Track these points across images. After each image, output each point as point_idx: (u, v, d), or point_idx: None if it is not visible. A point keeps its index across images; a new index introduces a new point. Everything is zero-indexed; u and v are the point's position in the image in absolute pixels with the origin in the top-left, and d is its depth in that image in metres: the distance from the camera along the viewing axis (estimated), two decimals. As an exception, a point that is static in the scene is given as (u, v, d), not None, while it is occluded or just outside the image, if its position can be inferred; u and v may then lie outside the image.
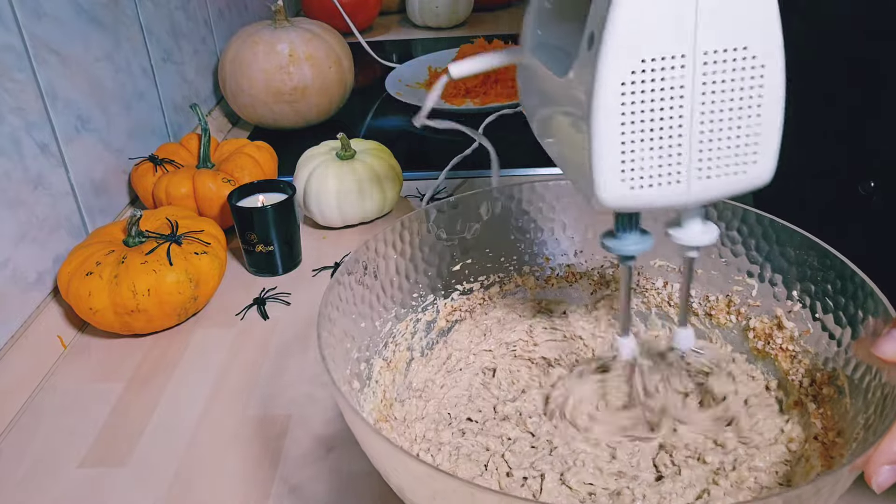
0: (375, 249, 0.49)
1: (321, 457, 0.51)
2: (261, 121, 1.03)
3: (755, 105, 0.33)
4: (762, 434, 0.44)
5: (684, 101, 0.32)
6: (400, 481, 0.37)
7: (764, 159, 0.34)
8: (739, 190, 0.35)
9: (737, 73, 0.32)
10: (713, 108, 0.32)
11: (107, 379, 0.60)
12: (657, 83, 0.32)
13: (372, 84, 1.21)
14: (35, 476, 0.51)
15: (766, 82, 0.32)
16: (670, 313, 0.54)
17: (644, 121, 0.32)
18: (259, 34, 0.99)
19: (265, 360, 0.61)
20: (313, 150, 0.79)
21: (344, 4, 1.36)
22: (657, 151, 0.33)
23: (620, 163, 0.33)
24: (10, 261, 0.62)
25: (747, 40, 0.31)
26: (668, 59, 0.31)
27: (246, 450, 0.52)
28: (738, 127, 0.33)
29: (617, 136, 0.32)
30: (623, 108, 0.32)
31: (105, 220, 0.77)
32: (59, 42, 0.71)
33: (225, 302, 0.68)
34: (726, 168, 0.34)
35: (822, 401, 0.44)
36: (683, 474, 0.43)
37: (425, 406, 0.50)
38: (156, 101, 0.91)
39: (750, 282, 0.49)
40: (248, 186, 0.73)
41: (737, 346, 0.51)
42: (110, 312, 0.60)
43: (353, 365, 0.45)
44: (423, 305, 0.53)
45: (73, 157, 0.72)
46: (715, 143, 0.33)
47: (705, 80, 0.32)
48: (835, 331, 0.43)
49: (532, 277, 0.57)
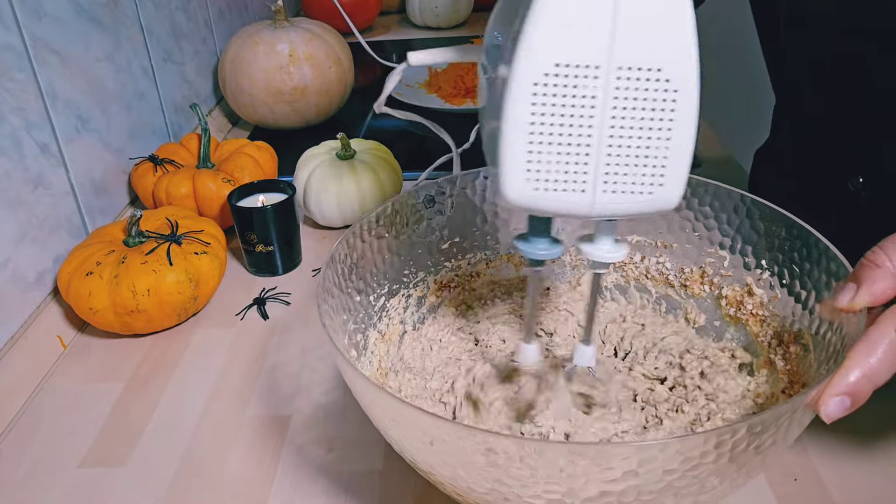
0: (367, 229, 0.51)
1: (321, 457, 0.51)
2: (261, 121, 1.03)
3: (665, 128, 0.33)
4: (727, 392, 0.47)
5: (595, 111, 0.32)
6: (399, 435, 0.38)
7: (671, 184, 0.34)
8: (645, 211, 0.35)
9: (649, 93, 0.32)
10: (623, 123, 0.33)
11: (107, 379, 0.60)
12: (569, 89, 0.32)
13: (372, 84, 1.21)
14: (35, 476, 0.51)
15: (677, 107, 0.33)
16: (648, 286, 0.57)
17: (553, 124, 0.33)
18: (259, 34, 0.99)
19: (265, 360, 0.61)
20: (313, 150, 0.79)
21: (344, 4, 1.36)
22: (563, 157, 0.33)
23: (527, 162, 0.33)
24: (10, 261, 0.62)
25: (662, 63, 0.32)
26: (581, 68, 0.32)
27: (246, 450, 0.52)
28: (646, 147, 0.33)
29: (525, 136, 0.33)
30: (534, 109, 0.32)
31: (105, 220, 0.77)
32: (59, 42, 0.71)
33: (225, 302, 0.68)
34: (632, 186, 0.34)
35: (789, 359, 0.46)
36: (665, 425, 0.46)
37: (416, 379, 0.52)
38: (156, 101, 0.91)
39: (722, 253, 0.52)
40: (248, 186, 0.73)
41: (710, 314, 0.54)
42: (110, 312, 0.60)
43: (350, 335, 0.47)
44: (414, 282, 0.55)
45: (73, 157, 0.72)
46: (622, 160, 0.33)
47: (617, 94, 0.32)
48: (801, 294, 0.46)
49: (517, 255, 0.58)
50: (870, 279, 0.36)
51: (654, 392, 0.49)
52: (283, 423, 0.54)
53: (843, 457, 0.48)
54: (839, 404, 0.33)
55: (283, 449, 0.52)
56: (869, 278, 0.36)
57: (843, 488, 0.46)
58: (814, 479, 0.47)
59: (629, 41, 0.31)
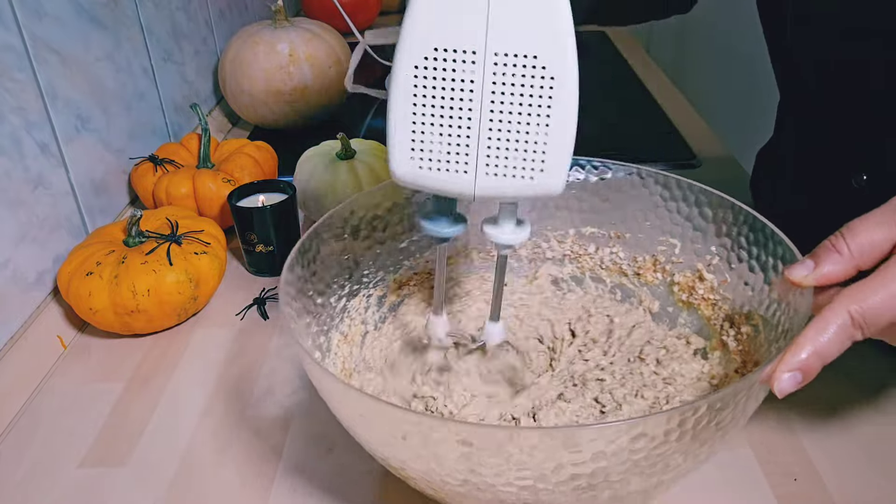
0: (327, 229, 0.51)
1: (321, 457, 0.51)
2: (261, 121, 1.03)
3: (544, 115, 0.34)
4: (683, 376, 0.48)
5: (473, 95, 0.34)
6: (369, 432, 0.38)
7: (552, 170, 0.35)
8: (529, 194, 0.36)
9: (526, 79, 0.34)
10: (502, 108, 0.34)
11: (107, 379, 0.60)
12: (448, 73, 0.34)
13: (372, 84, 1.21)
14: (35, 476, 0.51)
15: (555, 94, 0.34)
16: (602, 276, 0.58)
17: (434, 106, 0.35)
18: (259, 34, 0.99)
19: (265, 360, 0.61)
20: (313, 150, 0.79)
21: (344, 4, 1.36)
22: (446, 138, 0.35)
23: (411, 141, 0.35)
24: (10, 261, 0.62)
25: (537, 50, 0.33)
26: (459, 53, 0.33)
27: (246, 450, 0.52)
28: (526, 133, 0.35)
29: (409, 116, 0.35)
30: (416, 91, 0.34)
31: (105, 220, 0.77)
32: (59, 42, 0.71)
33: (225, 302, 0.68)
34: (513, 170, 0.36)
35: (740, 339, 0.48)
36: (624, 409, 0.47)
37: (377, 378, 0.52)
38: (156, 101, 0.91)
39: (673, 241, 0.54)
40: (248, 186, 0.73)
41: (664, 301, 0.55)
42: (110, 312, 0.60)
43: (313, 337, 0.47)
44: (374, 282, 0.55)
45: (73, 157, 0.72)
46: (503, 143, 0.35)
47: (495, 79, 0.34)
48: (749, 278, 0.48)
49: (475, 251, 0.59)
50: (826, 261, 0.38)
51: (614, 378, 0.50)
52: (283, 423, 0.54)
53: (843, 457, 0.48)
54: (791, 379, 0.35)
55: (283, 449, 0.52)
56: (826, 260, 0.38)
57: (843, 488, 0.46)
58: (814, 479, 0.47)
59: (503, 28, 0.33)
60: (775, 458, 0.49)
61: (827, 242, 0.39)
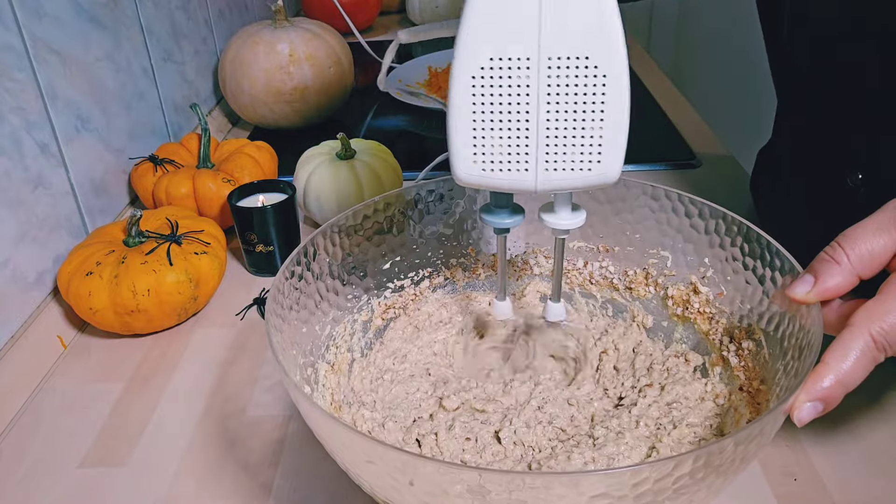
0: (310, 253, 0.50)
1: (321, 457, 0.51)
2: (261, 121, 1.03)
3: (598, 110, 0.36)
4: (688, 398, 0.47)
5: (530, 98, 0.36)
6: (373, 476, 0.38)
7: (609, 160, 0.37)
8: (587, 185, 0.38)
9: (580, 79, 0.35)
10: (558, 108, 0.36)
11: (107, 379, 0.60)
12: (504, 80, 0.36)
13: (372, 84, 1.21)
14: (35, 476, 0.51)
15: (608, 90, 0.35)
16: (592, 291, 0.57)
17: (493, 112, 0.36)
18: (259, 34, 0.99)
19: (265, 360, 0.61)
20: (313, 150, 0.79)
21: (344, 4, 1.36)
22: (505, 140, 0.37)
23: (472, 146, 0.37)
24: (10, 261, 0.62)
25: (589, 51, 0.35)
26: (514, 60, 0.35)
27: (246, 450, 0.52)
28: (582, 129, 0.36)
29: (469, 123, 0.37)
30: (474, 99, 0.36)
31: (105, 220, 0.77)
32: (59, 42, 0.71)
33: (225, 302, 0.68)
34: (572, 164, 0.37)
35: (742, 355, 0.47)
36: (626, 436, 0.45)
37: (370, 414, 0.50)
38: (156, 101, 0.91)
39: (664, 254, 0.53)
40: (248, 186, 0.73)
41: (658, 315, 0.54)
42: (110, 312, 0.60)
43: (300, 370, 0.46)
44: (357, 306, 0.54)
45: (73, 157, 0.72)
46: (561, 140, 0.37)
47: (549, 82, 0.35)
48: (746, 290, 0.47)
49: (459, 269, 0.59)
50: (826, 274, 0.37)
51: (619, 407, 0.49)
52: (282, 422, 0.54)
53: (843, 457, 0.48)
54: (811, 409, 0.34)
55: (283, 449, 0.52)
56: (826, 273, 0.37)
57: (843, 488, 0.46)
58: (814, 479, 0.47)
59: (556, 34, 0.34)
60: (775, 458, 0.49)
61: (824, 255, 0.38)
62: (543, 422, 0.48)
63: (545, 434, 0.47)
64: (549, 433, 0.47)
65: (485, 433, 0.47)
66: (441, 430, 0.47)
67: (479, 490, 0.33)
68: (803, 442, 0.50)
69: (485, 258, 0.59)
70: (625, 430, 0.46)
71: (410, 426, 0.49)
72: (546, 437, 0.47)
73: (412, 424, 0.49)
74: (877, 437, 0.50)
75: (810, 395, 0.33)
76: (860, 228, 0.38)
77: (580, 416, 0.48)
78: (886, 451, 0.49)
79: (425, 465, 0.34)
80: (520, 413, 0.48)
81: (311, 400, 0.37)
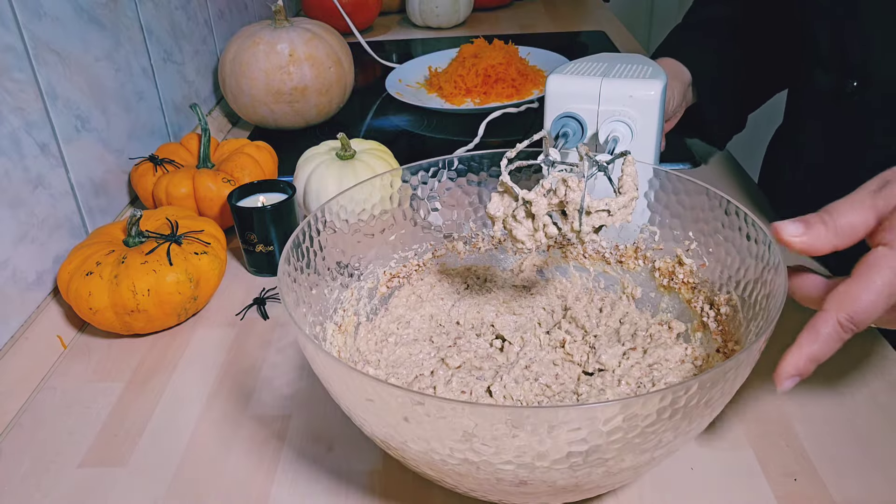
0: (321, 222, 0.53)
1: (321, 457, 0.51)
2: (261, 121, 1.03)
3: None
4: (668, 360, 0.50)
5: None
6: (372, 415, 0.39)
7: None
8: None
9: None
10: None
11: (107, 379, 0.60)
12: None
13: (372, 84, 1.21)
14: (35, 476, 0.51)
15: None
16: (586, 265, 0.60)
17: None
18: (259, 34, 0.99)
19: (265, 360, 0.61)
20: (313, 150, 0.79)
21: (344, 4, 1.36)
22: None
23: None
24: (10, 261, 0.62)
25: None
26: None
27: (246, 450, 0.52)
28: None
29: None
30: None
31: (105, 220, 0.77)
32: (59, 42, 0.71)
33: (225, 302, 0.68)
34: None
35: (720, 320, 0.50)
36: (608, 393, 0.48)
37: (374, 371, 0.53)
38: (156, 101, 0.91)
39: (653, 228, 0.56)
40: (248, 186, 0.73)
41: (646, 287, 0.57)
42: (110, 312, 0.60)
43: (309, 327, 0.49)
44: (364, 274, 0.57)
45: (73, 157, 0.72)
46: None
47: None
48: (725, 260, 0.51)
49: (461, 243, 0.61)
50: (814, 230, 0.40)
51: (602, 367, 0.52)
52: (282, 422, 0.54)
53: (843, 457, 0.48)
54: (791, 382, 0.39)
55: (283, 449, 0.52)
56: (814, 229, 0.40)
57: (843, 488, 0.46)
58: (814, 479, 0.47)
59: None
60: (775, 458, 0.49)
61: (821, 211, 0.41)
62: (531, 378, 0.50)
63: (532, 390, 0.49)
64: (536, 389, 0.50)
65: (479, 388, 0.49)
66: (439, 384, 0.50)
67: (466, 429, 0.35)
68: (803, 442, 0.50)
69: (484, 234, 0.62)
70: (607, 387, 0.49)
71: (412, 382, 0.51)
72: (533, 393, 0.49)
73: (413, 380, 0.51)
74: (877, 437, 0.50)
75: (789, 371, 0.39)
76: (843, 202, 0.41)
77: (565, 374, 0.51)
78: (887, 452, 0.49)
79: (418, 400, 0.36)
80: (510, 370, 0.51)
81: (318, 344, 0.40)
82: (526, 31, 1.50)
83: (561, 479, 0.38)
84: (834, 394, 0.53)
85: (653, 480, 0.48)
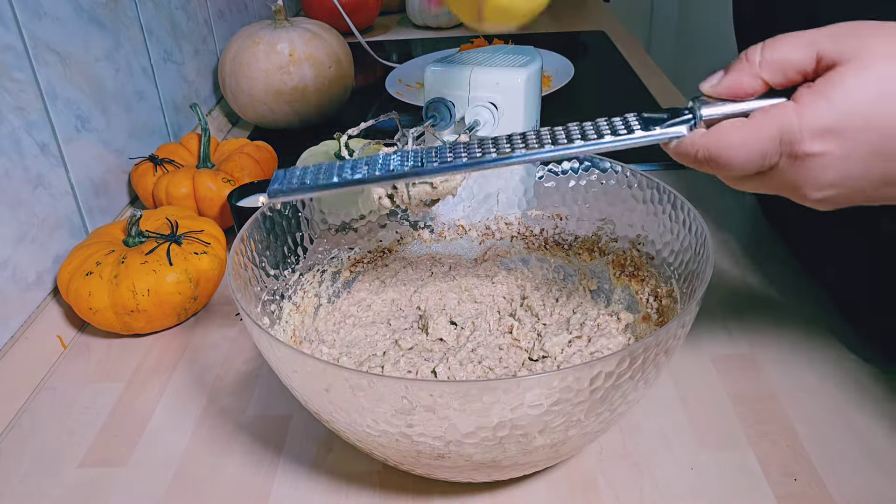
0: (283, 206, 0.54)
1: (321, 457, 0.51)
2: (261, 121, 1.03)
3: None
4: (610, 349, 0.52)
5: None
6: (300, 385, 0.41)
7: None
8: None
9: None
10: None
11: (107, 379, 0.60)
12: None
13: (372, 84, 1.21)
14: (35, 476, 0.51)
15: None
16: (546, 256, 0.62)
17: None
18: (259, 34, 0.99)
19: (265, 360, 0.61)
20: (313, 150, 0.79)
21: (344, 4, 1.36)
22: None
23: None
24: (10, 261, 0.62)
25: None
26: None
27: (246, 450, 0.52)
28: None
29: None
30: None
31: (105, 220, 0.77)
32: (59, 42, 0.71)
33: (225, 302, 0.68)
34: None
35: (662, 311, 0.52)
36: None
37: (328, 350, 0.55)
38: (156, 101, 0.91)
39: (610, 221, 0.58)
40: (248, 186, 0.73)
41: (601, 278, 0.59)
42: (110, 312, 0.60)
43: (263, 306, 0.50)
44: (328, 258, 0.59)
45: (73, 157, 0.72)
46: None
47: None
48: (670, 253, 0.52)
49: (427, 231, 0.63)
50: (735, 71, 0.38)
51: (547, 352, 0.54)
52: (282, 423, 0.54)
53: (843, 457, 0.48)
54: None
55: (283, 449, 0.52)
56: (734, 70, 0.38)
57: (843, 488, 0.46)
58: (814, 479, 0.47)
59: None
60: (775, 458, 0.49)
61: (742, 54, 0.38)
62: (475, 361, 0.52)
63: (474, 371, 0.51)
64: (479, 371, 0.51)
65: (425, 368, 0.51)
66: (388, 364, 0.51)
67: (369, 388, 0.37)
68: (803, 442, 0.50)
69: (450, 223, 0.64)
70: (547, 372, 0.49)
71: (364, 361, 0.52)
72: (475, 375, 0.51)
73: (365, 360, 0.52)
74: (877, 437, 0.50)
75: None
76: (788, 36, 0.37)
77: (510, 359, 0.53)
78: (886, 451, 0.49)
79: (333, 371, 0.37)
80: (457, 353, 0.52)
81: (249, 314, 0.42)
82: (526, 31, 1.50)
83: (477, 454, 0.40)
84: (834, 394, 0.53)
85: (653, 480, 0.48)
